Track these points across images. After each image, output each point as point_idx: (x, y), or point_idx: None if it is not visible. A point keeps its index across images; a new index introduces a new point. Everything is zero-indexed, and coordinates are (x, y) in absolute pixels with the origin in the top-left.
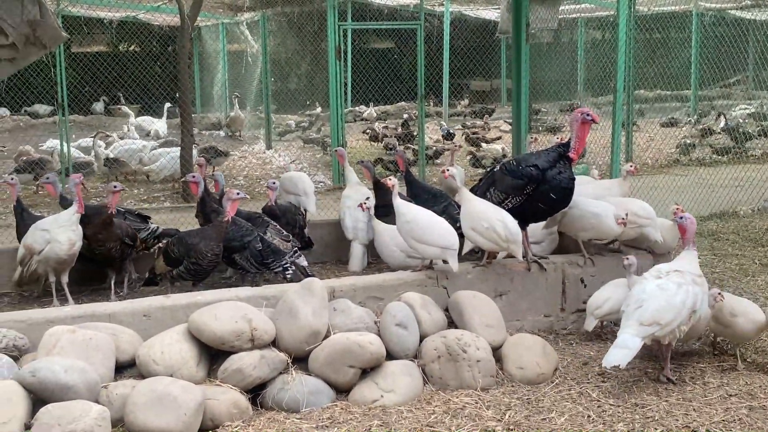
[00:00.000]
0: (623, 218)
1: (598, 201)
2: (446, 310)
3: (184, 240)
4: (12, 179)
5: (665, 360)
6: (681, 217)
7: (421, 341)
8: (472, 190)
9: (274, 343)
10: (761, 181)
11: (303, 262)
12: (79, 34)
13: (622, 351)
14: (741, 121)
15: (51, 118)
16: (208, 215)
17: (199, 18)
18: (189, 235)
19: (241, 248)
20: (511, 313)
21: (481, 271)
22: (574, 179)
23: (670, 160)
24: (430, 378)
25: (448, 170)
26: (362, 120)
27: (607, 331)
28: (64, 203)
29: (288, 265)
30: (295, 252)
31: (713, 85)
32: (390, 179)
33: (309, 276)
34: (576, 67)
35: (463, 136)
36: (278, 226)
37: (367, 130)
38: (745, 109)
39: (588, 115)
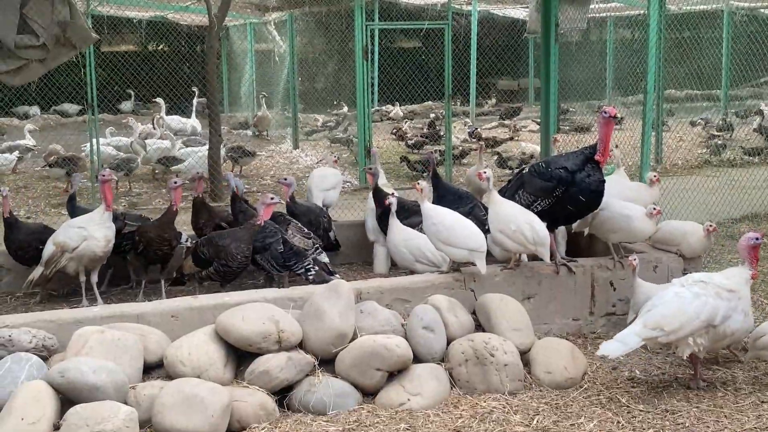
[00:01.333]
0: (656, 208)
1: (628, 203)
2: (473, 313)
3: (214, 241)
4: (5, 192)
5: (695, 370)
6: (756, 238)
7: (448, 344)
8: (500, 192)
9: (300, 345)
10: None
11: (324, 258)
12: (109, 34)
13: (616, 344)
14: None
15: (80, 117)
16: (236, 216)
17: (227, 18)
18: (219, 237)
19: (263, 249)
20: (539, 317)
21: (508, 273)
22: (603, 181)
23: (700, 160)
24: (457, 382)
25: (484, 173)
26: (389, 119)
27: None
28: (70, 203)
29: (310, 266)
30: (317, 249)
31: (744, 85)
32: (419, 183)
33: (330, 273)
34: (605, 66)
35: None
36: (299, 224)
37: (394, 130)
38: None
39: (605, 112)
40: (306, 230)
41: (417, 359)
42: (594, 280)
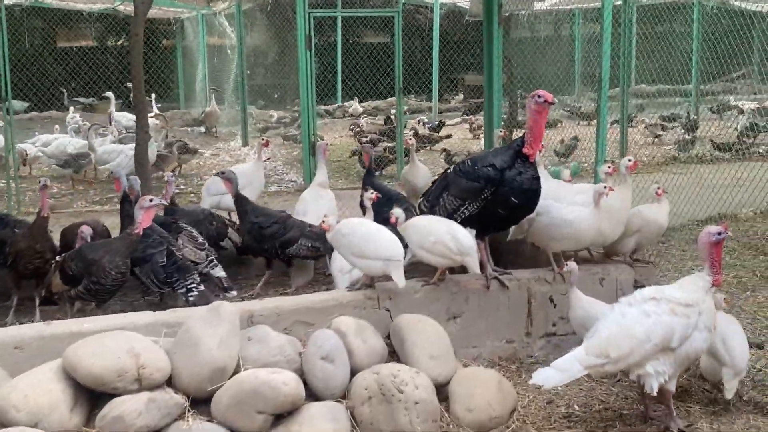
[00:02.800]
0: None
1: (571, 206)
2: (388, 337)
3: (84, 254)
4: None
5: (668, 408)
6: (719, 233)
7: (353, 376)
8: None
9: (170, 382)
10: (765, 181)
11: (220, 272)
12: (64, 28)
13: (553, 372)
14: (750, 116)
15: (27, 114)
16: (123, 220)
17: (180, 9)
18: (90, 249)
19: (143, 261)
20: (466, 338)
21: (431, 289)
22: (537, 178)
23: (667, 157)
24: (360, 423)
25: (394, 214)
26: (350, 116)
27: None
28: None
29: (193, 285)
30: (211, 261)
31: (716, 80)
32: (324, 221)
33: (226, 288)
34: (573, 60)
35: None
36: (194, 233)
37: (352, 126)
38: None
39: (539, 96)
40: (201, 240)
41: (314, 396)
42: (531, 296)
